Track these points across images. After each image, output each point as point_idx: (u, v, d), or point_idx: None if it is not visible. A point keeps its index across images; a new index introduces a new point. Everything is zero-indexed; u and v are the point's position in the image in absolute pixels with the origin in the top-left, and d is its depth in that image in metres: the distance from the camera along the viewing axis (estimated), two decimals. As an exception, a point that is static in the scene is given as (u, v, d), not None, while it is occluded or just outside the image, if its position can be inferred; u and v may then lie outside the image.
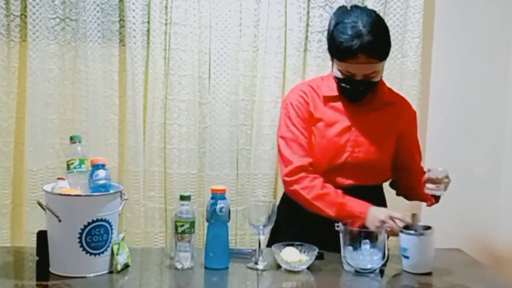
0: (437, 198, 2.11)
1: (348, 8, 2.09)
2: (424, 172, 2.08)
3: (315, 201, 2.04)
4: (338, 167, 2.13)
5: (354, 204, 2.03)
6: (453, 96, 2.89)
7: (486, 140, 2.92)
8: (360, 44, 1.98)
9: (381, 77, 2.13)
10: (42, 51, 2.62)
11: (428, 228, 1.95)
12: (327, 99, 2.15)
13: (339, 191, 2.07)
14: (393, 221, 1.97)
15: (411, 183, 2.21)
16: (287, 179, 2.09)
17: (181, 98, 2.70)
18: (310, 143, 2.12)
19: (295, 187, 2.08)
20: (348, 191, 2.08)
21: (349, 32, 1.99)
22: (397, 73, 2.77)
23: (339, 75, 2.09)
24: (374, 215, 1.99)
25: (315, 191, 2.05)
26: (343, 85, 2.09)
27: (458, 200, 2.90)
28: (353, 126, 2.14)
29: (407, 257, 1.93)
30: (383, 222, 1.96)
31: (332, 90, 2.15)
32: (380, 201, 2.25)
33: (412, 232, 1.92)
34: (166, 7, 2.67)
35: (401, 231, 1.94)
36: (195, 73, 2.70)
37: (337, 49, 2.05)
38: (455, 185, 2.89)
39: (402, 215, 2.00)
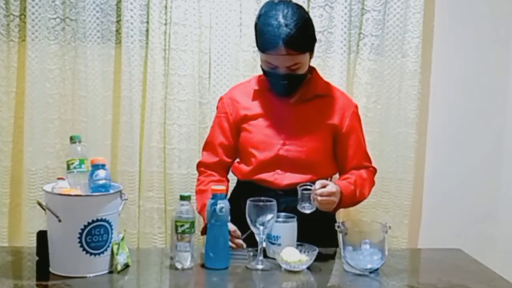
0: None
1: (275, 1, 2.13)
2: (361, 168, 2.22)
3: (196, 194, 2.25)
4: (272, 161, 2.16)
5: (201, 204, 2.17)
6: (453, 96, 2.89)
7: (486, 140, 2.92)
8: (278, 35, 2.04)
9: (310, 70, 2.19)
10: (42, 51, 2.62)
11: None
12: (257, 93, 2.23)
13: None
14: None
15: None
16: (197, 170, 2.34)
17: (181, 98, 2.70)
18: (226, 144, 2.25)
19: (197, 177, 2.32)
20: (291, 193, 2.09)
21: (270, 24, 2.06)
22: (397, 73, 2.77)
23: (264, 67, 2.15)
24: None
25: (200, 186, 2.26)
26: (269, 78, 2.16)
27: (458, 200, 2.92)
28: (283, 118, 2.20)
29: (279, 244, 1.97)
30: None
31: (264, 83, 2.23)
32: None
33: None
34: (166, 7, 2.67)
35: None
36: (195, 73, 2.70)
37: (259, 39, 2.12)
38: (456, 185, 2.92)
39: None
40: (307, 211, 2.02)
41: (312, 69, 2.25)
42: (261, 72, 2.21)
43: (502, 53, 2.89)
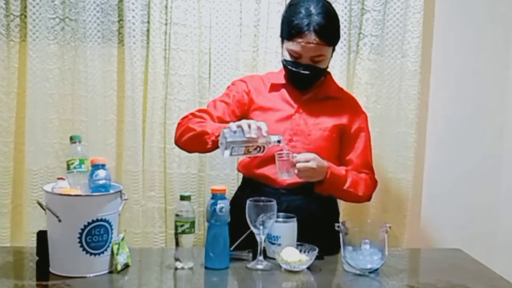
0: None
1: None
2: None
3: (188, 123, 2.15)
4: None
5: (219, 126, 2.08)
6: (452, 96, 2.89)
7: (486, 140, 2.92)
8: (310, 22, 2.09)
9: (325, 73, 2.22)
10: (42, 51, 2.61)
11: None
12: (274, 87, 2.26)
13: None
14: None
15: None
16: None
17: (181, 98, 2.70)
18: (225, 121, 2.17)
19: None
20: (293, 192, 2.11)
21: (301, 12, 2.11)
22: (397, 73, 2.77)
23: (287, 57, 2.17)
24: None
25: (191, 120, 2.17)
26: (290, 67, 2.16)
27: (458, 200, 2.92)
28: (294, 115, 2.21)
29: (279, 244, 1.96)
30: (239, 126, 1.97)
31: (280, 78, 2.26)
32: (331, 206, 2.28)
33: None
34: (166, 7, 2.67)
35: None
36: (195, 73, 2.70)
37: (287, 27, 2.15)
38: (455, 185, 2.92)
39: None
40: (285, 177, 2.04)
41: (327, 73, 2.29)
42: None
43: (502, 53, 2.89)
